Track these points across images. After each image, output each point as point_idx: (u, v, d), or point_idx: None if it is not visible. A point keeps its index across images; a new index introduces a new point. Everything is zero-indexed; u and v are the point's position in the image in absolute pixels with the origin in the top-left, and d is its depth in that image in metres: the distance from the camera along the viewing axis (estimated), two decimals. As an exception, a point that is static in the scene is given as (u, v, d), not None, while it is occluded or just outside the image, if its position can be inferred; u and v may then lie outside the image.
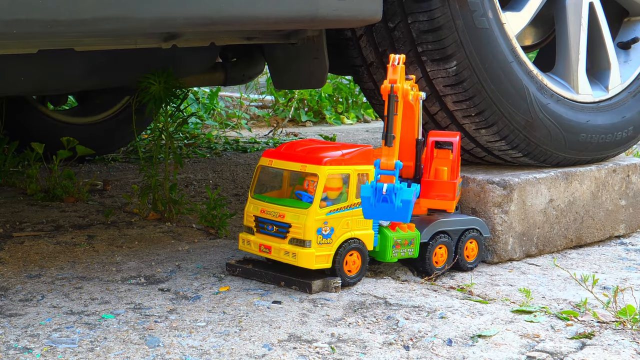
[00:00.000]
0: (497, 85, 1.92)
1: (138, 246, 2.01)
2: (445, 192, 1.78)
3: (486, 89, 1.91)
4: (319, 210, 1.63)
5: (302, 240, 1.64)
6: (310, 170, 1.65)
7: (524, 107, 1.96)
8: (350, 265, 1.68)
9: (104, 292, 1.65)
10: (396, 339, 1.42)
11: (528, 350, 1.38)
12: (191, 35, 1.78)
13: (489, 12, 1.89)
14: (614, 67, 2.22)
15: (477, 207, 1.93)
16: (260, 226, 1.71)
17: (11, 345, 1.36)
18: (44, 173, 2.82)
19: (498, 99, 1.93)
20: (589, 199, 2.10)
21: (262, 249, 1.69)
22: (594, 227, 2.12)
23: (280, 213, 1.67)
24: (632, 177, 2.21)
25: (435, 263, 1.79)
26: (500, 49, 1.92)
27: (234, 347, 1.37)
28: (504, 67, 1.93)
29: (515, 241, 1.94)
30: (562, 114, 2.05)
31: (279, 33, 1.89)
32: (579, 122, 2.09)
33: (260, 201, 1.72)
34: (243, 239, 1.74)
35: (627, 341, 1.42)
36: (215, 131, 4.22)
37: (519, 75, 1.96)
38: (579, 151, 2.10)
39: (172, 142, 2.25)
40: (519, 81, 1.96)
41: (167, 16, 1.45)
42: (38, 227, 2.19)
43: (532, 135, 1.99)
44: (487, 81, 1.91)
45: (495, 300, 1.66)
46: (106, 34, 1.63)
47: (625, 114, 2.22)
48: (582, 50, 2.14)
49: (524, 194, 1.94)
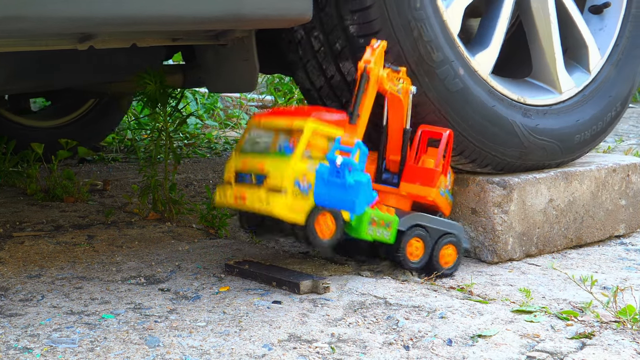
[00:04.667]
0: (486, 137, 1.90)
1: (138, 246, 2.01)
2: (427, 178, 1.76)
3: (476, 144, 1.90)
4: (299, 161, 1.58)
5: (279, 188, 1.58)
6: (296, 125, 1.62)
7: (516, 141, 1.94)
8: (322, 226, 1.61)
9: (104, 292, 1.65)
10: (396, 339, 1.42)
11: (528, 350, 1.38)
12: (108, 36, 1.68)
13: (460, 70, 1.85)
14: (591, 46, 2.14)
15: (477, 207, 1.93)
16: (239, 178, 1.67)
17: (11, 345, 1.36)
18: (44, 173, 2.82)
19: (488, 147, 1.92)
20: (589, 198, 2.10)
21: (238, 199, 1.64)
22: (594, 226, 2.12)
23: (260, 163, 1.63)
24: (632, 177, 2.21)
25: (410, 255, 1.75)
26: (480, 101, 1.88)
27: (234, 347, 1.37)
28: (488, 117, 1.90)
29: (515, 241, 1.94)
30: (552, 126, 2.02)
31: (206, 34, 1.80)
32: (571, 126, 2.07)
33: (243, 155, 1.69)
34: (220, 192, 1.69)
35: (627, 341, 1.42)
36: (215, 131, 4.22)
37: (503, 115, 1.92)
38: (574, 152, 2.10)
39: (171, 142, 2.25)
40: (504, 119, 1.92)
41: (77, 16, 1.38)
42: (38, 227, 2.19)
43: (530, 159, 1.99)
44: (475, 137, 1.89)
45: (495, 300, 1.66)
46: (7, 35, 1.52)
47: (611, 92, 2.17)
48: (556, 48, 2.08)
49: (523, 193, 1.94)
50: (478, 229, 1.94)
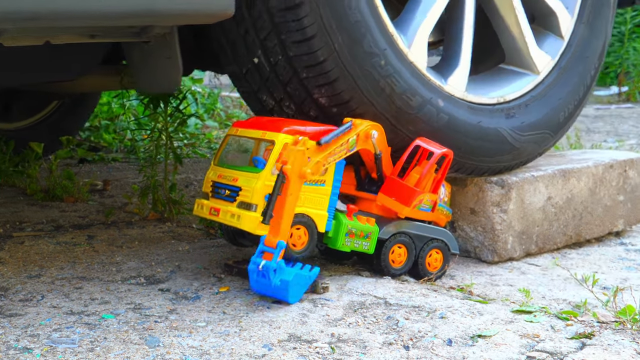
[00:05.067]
0: (480, 153, 1.89)
1: (138, 246, 2.01)
2: (403, 196, 1.73)
3: (471, 162, 1.89)
4: (270, 176, 1.59)
5: (249, 204, 1.59)
6: (268, 137, 1.63)
7: (507, 147, 1.93)
8: (295, 239, 1.62)
9: (104, 292, 1.65)
10: (396, 339, 1.42)
11: (528, 350, 1.38)
12: (16, 33, 1.58)
13: (440, 102, 1.81)
14: (559, 11, 2.08)
15: (476, 206, 1.93)
16: (215, 191, 1.68)
17: (11, 345, 1.36)
18: (44, 173, 2.82)
19: (484, 161, 1.91)
20: (587, 195, 2.10)
21: (212, 212, 1.66)
22: (593, 223, 2.12)
23: (234, 177, 1.64)
24: (629, 172, 2.21)
25: (392, 262, 1.76)
26: (466, 123, 1.86)
27: (234, 347, 1.37)
28: (477, 136, 1.88)
29: (515, 240, 1.94)
30: (537, 116, 2.00)
31: (127, 30, 1.70)
32: (555, 107, 2.03)
33: (220, 167, 1.70)
34: (198, 203, 1.71)
35: (627, 341, 1.42)
36: (215, 131, 4.22)
37: (490, 126, 1.90)
38: (563, 128, 2.07)
39: (171, 142, 2.25)
40: (492, 130, 1.91)
41: None
42: (38, 227, 2.19)
43: (524, 155, 1.99)
44: (470, 157, 1.88)
45: (495, 300, 1.66)
46: None
47: (587, 53, 2.12)
48: (526, 31, 2.02)
49: (522, 192, 1.94)
50: (477, 228, 1.94)
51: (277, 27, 1.67)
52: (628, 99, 6.52)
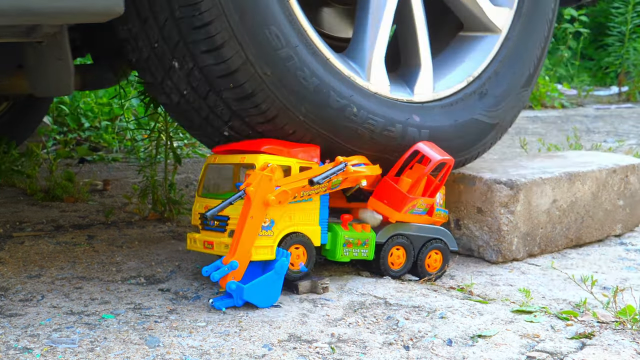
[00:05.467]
0: (478, 143, 1.90)
1: (138, 246, 2.01)
2: (395, 201, 1.73)
3: (471, 157, 1.92)
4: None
5: None
6: (248, 160, 1.61)
7: (487, 129, 1.92)
8: (293, 258, 1.63)
9: (104, 292, 1.65)
10: (396, 339, 1.42)
11: (528, 350, 1.38)
12: None
13: (415, 117, 1.77)
14: None
15: (484, 206, 1.93)
16: (204, 223, 1.66)
17: (11, 345, 1.36)
18: (43, 173, 2.82)
19: (482, 150, 1.94)
20: (590, 199, 2.10)
21: (206, 245, 1.64)
22: (593, 227, 2.13)
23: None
24: (630, 178, 2.21)
25: (391, 264, 1.76)
26: (472, 119, 1.87)
27: (234, 347, 1.37)
28: (476, 129, 1.88)
29: (519, 241, 1.94)
30: (507, 84, 1.95)
31: (14, 30, 1.60)
32: (520, 69, 1.98)
33: (205, 198, 1.68)
34: (190, 237, 1.68)
35: (627, 341, 1.42)
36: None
37: (479, 119, 1.89)
38: (528, 88, 2.03)
39: (171, 142, 2.25)
40: (473, 121, 1.89)
41: None
42: (38, 227, 2.19)
43: (502, 132, 1.99)
44: (465, 153, 1.90)
45: (495, 300, 1.66)
46: None
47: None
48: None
49: (529, 194, 1.94)
50: (483, 228, 1.94)
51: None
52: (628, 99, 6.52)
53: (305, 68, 1.63)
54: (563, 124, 4.82)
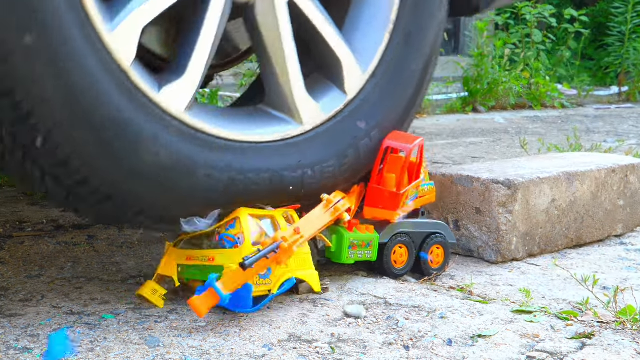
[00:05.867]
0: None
1: (138, 246, 2.01)
2: (389, 202, 1.73)
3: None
4: (252, 248, 1.50)
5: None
6: (230, 215, 1.56)
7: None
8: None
9: (104, 292, 1.65)
10: (396, 339, 1.42)
11: (528, 350, 1.38)
12: None
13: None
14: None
15: (482, 206, 1.93)
16: (190, 272, 1.58)
17: (11, 345, 1.36)
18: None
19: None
20: (589, 199, 2.10)
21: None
22: (594, 226, 2.13)
23: (210, 257, 1.55)
24: (630, 177, 2.21)
25: (394, 263, 1.77)
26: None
27: (234, 347, 1.37)
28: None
29: (519, 241, 1.94)
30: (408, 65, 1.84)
31: None
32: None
33: (183, 250, 1.60)
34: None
35: (627, 341, 1.42)
36: (215, 131, 4.21)
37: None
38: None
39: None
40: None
41: None
42: (38, 227, 2.19)
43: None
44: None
45: (495, 300, 1.66)
46: None
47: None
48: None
49: (527, 193, 1.94)
50: (482, 228, 1.94)
51: None
52: (628, 99, 6.51)
53: None
54: (563, 124, 4.82)
